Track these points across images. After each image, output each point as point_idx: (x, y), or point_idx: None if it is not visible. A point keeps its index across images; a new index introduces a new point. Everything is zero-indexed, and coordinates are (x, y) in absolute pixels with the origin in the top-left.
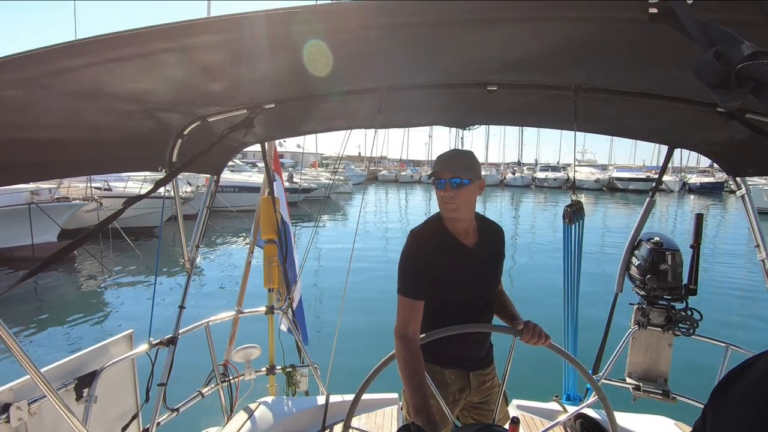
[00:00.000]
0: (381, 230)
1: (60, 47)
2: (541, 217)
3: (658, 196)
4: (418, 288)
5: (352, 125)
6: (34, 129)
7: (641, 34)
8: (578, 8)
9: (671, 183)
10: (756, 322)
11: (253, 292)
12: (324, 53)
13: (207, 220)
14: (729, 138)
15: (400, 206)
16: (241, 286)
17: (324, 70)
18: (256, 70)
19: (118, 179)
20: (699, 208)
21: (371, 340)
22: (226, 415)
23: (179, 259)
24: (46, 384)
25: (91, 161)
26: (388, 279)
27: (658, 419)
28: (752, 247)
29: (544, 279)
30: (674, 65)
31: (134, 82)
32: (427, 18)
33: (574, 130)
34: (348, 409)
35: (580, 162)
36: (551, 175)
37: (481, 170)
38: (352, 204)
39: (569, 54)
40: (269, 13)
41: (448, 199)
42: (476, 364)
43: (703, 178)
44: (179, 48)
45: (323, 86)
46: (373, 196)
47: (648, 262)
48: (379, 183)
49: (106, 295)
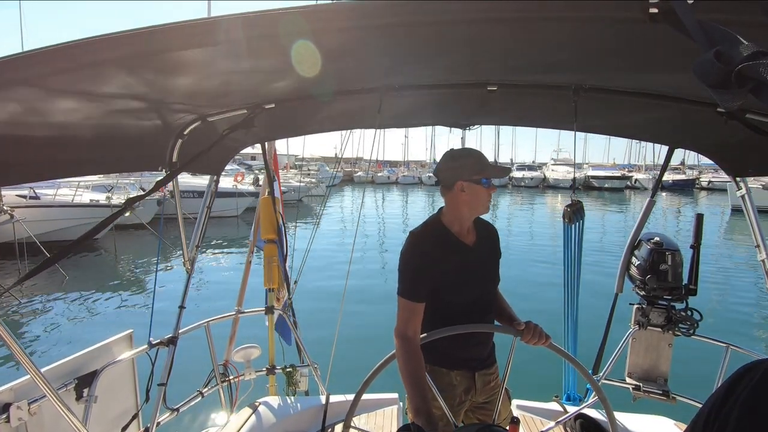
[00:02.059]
0: (360, 234)
1: (60, 47)
2: (520, 218)
3: (631, 193)
4: (418, 290)
5: (352, 125)
6: (34, 129)
7: (641, 34)
8: (578, 8)
9: (645, 181)
10: (730, 313)
11: (253, 292)
12: (324, 53)
13: (207, 220)
14: (729, 138)
15: (377, 209)
16: (241, 286)
17: (324, 70)
18: (256, 70)
19: (50, 186)
20: (671, 205)
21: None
22: (226, 415)
23: (123, 271)
24: (46, 384)
25: (91, 161)
26: (368, 284)
27: (658, 419)
28: (725, 238)
29: (524, 281)
30: (674, 65)
31: (134, 83)
32: (427, 18)
33: (574, 130)
34: (348, 409)
35: (555, 161)
36: (528, 175)
37: None
38: (326, 207)
39: (569, 54)
40: (269, 13)
41: (490, 197)
42: (481, 365)
43: (675, 175)
44: (179, 48)
45: (323, 86)
46: (349, 198)
47: (648, 262)
48: (355, 184)
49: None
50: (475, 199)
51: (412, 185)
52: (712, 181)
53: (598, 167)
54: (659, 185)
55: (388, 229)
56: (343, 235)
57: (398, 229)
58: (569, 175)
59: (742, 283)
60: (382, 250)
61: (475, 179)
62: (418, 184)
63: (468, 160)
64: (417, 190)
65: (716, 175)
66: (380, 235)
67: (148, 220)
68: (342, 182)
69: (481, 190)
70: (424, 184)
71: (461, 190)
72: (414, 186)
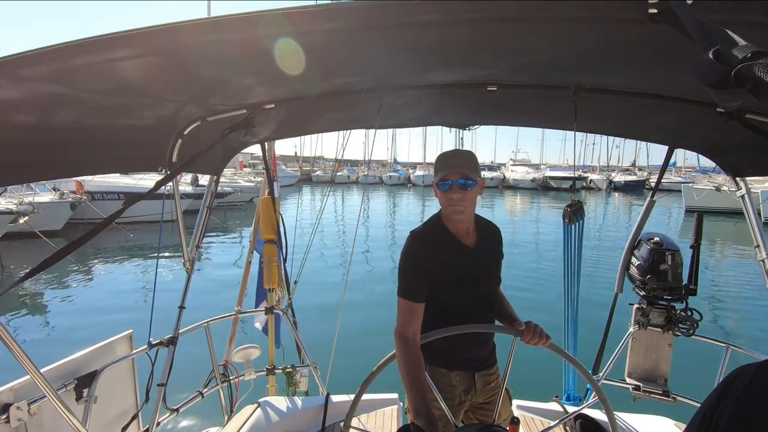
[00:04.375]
0: (317, 237)
1: (60, 47)
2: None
3: (587, 194)
4: (418, 290)
5: (352, 125)
6: (34, 129)
7: (641, 34)
8: (578, 8)
9: (599, 181)
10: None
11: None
12: (324, 53)
13: (207, 220)
14: (728, 138)
15: (336, 210)
16: (241, 286)
17: (324, 71)
18: (256, 71)
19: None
20: (624, 204)
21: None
22: (226, 415)
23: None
24: (45, 384)
25: (91, 161)
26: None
27: (658, 419)
28: (680, 238)
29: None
30: (674, 65)
31: (134, 83)
32: (427, 18)
33: (573, 130)
34: (348, 409)
35: (514, 161)
36: (488, 175)
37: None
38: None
39: (569, 54)
40: (269, 13)
41: (456, 201)
42: (481, 365)
43: (626, 176)
44: (180, 48)
45: (323, 86)
46: (308, 198)
47: (648, 262)
48: (315, 184)
49: None
50: (442, 203)
51: (374, 185)
52: (662, 181)
53: (556, 168)
54: (658, 186)
55: (350, 230)
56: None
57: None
58: (528, 176)
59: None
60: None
61: (438, 183)
62: (379, 183)
63: (436, 164)
64: (378, 189)
65: (665, 177)
66: (339, 237)
67: (59, 226)
68: (299, 182)
69: (440, 194)
70: (385, 183)
71: (436, 193)
72: (375, 186)
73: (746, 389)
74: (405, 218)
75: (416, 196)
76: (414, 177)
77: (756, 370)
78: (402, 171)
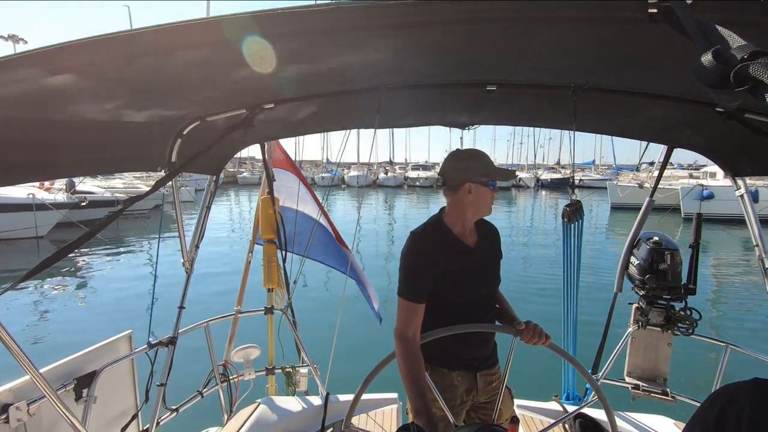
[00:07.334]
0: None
1: (60, 47)
2: (415, 219)
3: (516, 191)
4: (419, 290)
5: (352, 125)
6: (34, 129)
7: (640, 34)
8: (577, 8)
9: (527, 180)
10: None
11: (253, 292)
12: (323, 53)
13: (206, 220)
14: (728, 138)
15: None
16: (240, 286)
17: (323, 70)
18: (255, 70)
19: None
20: (551, 200)
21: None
22: (226, 415)
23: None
24: (45, 384)
25: (91, 161)
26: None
27: (658, 419)
28: (608, 233)
29: None
30: (673, 65)
31: (134, 82)
32: (427, 18)
33: (573, 129)
34: (348, 409)
35: None
36: (423, 174)
37: None
38: (192, 216)
39: (569, 54)
40: (269, 13)
41: (494, 199)
42: (483, 365)
43: (552, 174)
44: (179, 48)
45: (323, 86)
46: (228, 202)
47: (647, 261)
48: (240, 186)
49: None
50: (481, 201)
51: None
52: (583, 179)
53: (501, 167)
54: (657, 185)
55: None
56: (231, 243)
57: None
58: None
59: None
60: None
61: (482, 181)
62: (311, 185)
63: (474, 162)
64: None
65: (585, 174)
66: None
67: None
68: (224, 183)
69: (487, 193)
70: (318, 185)
71: (468, 191)
72: None
73: (751, 420)
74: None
75: (351, 197)
76: (348, 177)
77: (751, 400)
78: (336, 171)
